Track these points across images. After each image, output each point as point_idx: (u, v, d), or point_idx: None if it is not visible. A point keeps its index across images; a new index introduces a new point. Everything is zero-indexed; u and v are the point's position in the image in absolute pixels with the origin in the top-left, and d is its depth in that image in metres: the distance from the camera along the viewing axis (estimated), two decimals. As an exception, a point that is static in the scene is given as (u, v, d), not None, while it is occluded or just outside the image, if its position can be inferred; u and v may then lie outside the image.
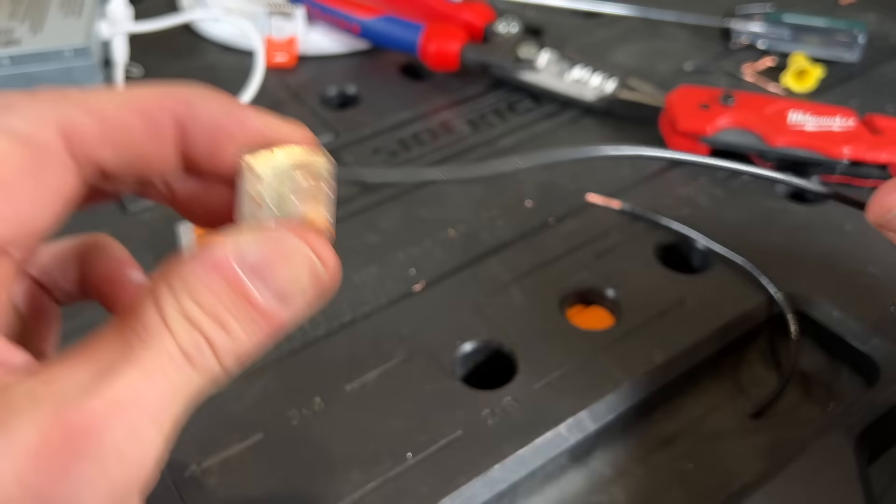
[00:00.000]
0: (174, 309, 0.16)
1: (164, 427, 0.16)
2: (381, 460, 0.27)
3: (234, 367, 0.17)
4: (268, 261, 0.16)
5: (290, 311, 0.17)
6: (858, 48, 0.48)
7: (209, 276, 0.16)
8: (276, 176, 0.18)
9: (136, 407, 0.15)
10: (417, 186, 0.40)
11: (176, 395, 0.16)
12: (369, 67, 0.50)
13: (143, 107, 0.17)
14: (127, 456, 0.15)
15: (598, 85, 0.45)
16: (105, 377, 0.15)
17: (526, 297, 0.33)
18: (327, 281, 0.18)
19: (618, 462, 0.29)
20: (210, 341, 0.16)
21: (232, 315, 0.16)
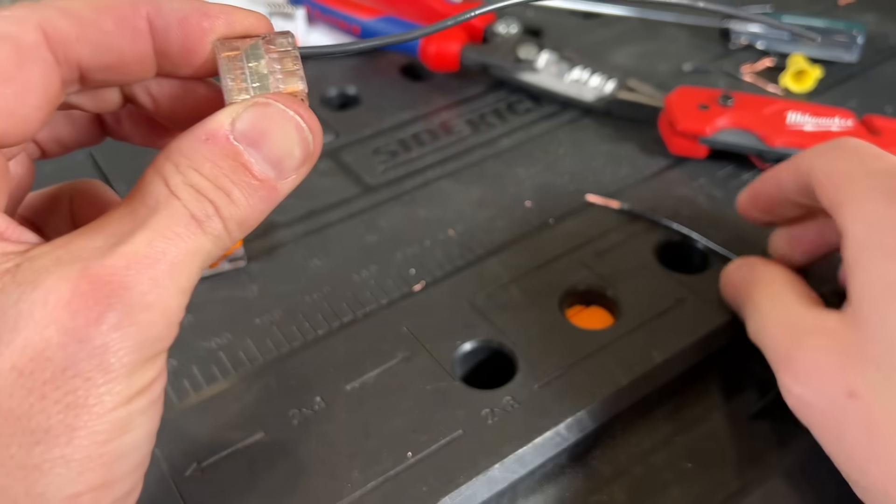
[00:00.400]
0: (180, 180, 0.17)
1: (182, 284, 0.17)
2: (381, 460, 0.27)
3: (237, 231, 0.18)
4: (261, 129, 0.18)
5: (283, 175, 0.19)
6: (857, 49, 0.48)
7: (209, 149, 0.18)
8: (251, 58, 0.19)
9: (155, 262, 0.17)
10: (417, 186, 0.40)
11: (189, 254, 0.17)
12: (369, 68, 0.50)
13: (117, 9, 0.19)
14: (152, 305, 0.16)
15: (598, 85, 0.45)
16: (123, 240, 0.17)
17: (525, 297, 0.33)
18: (313, 145, 0.19)
19: (618, 462, 0.29)
20: (216, 206, 0.18)
21: (233, 182, 0.18)
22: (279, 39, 0.20)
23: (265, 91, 0.19)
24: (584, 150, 0.42)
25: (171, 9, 0.19)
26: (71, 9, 0.18)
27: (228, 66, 0.19)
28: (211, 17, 0.19)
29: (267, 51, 0.20)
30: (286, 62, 0.20)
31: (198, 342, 0.31)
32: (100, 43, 0.18)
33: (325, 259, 0.36)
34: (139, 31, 0.19)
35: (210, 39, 0.19)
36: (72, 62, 0.18)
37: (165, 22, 0.19)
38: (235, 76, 0.19)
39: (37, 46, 0.18)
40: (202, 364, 0.31)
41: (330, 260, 0.36)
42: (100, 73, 0.19)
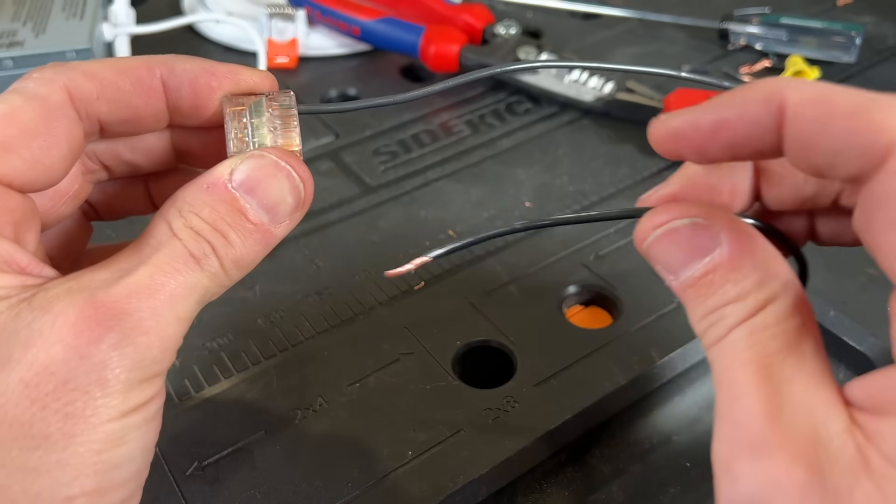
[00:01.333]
0: (181, 223, 0.19)
1: (179, 314, 0.19)
2: (381, 459, 0.27)
3: (234, 270, 0.20)
4: (256, 178, 0.20)
5: (277, 220, 0.20)
6: (855, 50, 0.49)
7: (209, 196, 0.20)
8: (254, 114, 0.22)
9: (154, 292, 0.18)
10: (417, 187, 0.40)
11: (187, 288, 0.19)
12: (369, 69, 0.50)
13: (134, 71, 0.21)
14: (150, 330, 0.18)
15: (597, 86, 0.45)
16: (127, 273, 0.18)
17: (525, 297, 0.33)
18: (305, 193, 0.21)
19: (617, 461, 0.29)
20: (213, 246, 0.19)
21: (230, 225, 0.20)
22: (281, 98, 0.22)
23: (263, 145, 0.21)
24: (583, 151, 0.43)
25: (182, 69, 0.21)
26: (94, 71, 0.21)
27: (233, 120, 0.21)
28: (219, 76, 0.21)
29: (269, 107, 0.22)
30: (286, 119, 0.22)
31: (199, 342, 0.32)
32: (118, 101, 0.21)
33: (325, 259, 0.36)
34: (153, 90, 0.21)
35: (217, 97, 0.21)
36: (93, 117, 0.21)
37: (177, 81, 0.21)
38: (239, 130, 0.21)
39: (62, 105, 0.20)
40: (204, 364, 0.31)
41: (330, 260, 0.36)
42: (118, 126, 0.21)
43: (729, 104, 0.18)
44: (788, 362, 0.17)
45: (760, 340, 0.17)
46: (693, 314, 0.19)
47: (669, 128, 0.19)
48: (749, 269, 0.18)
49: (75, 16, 0.46)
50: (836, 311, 0.32)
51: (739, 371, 0.17)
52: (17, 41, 0.44)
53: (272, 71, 0.48)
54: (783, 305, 0.17)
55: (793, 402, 0.16)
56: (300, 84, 0.48)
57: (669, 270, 0.19)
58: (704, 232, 0.19)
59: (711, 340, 0.18)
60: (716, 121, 0.18)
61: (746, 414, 0.16)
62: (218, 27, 0.52)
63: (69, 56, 0.43)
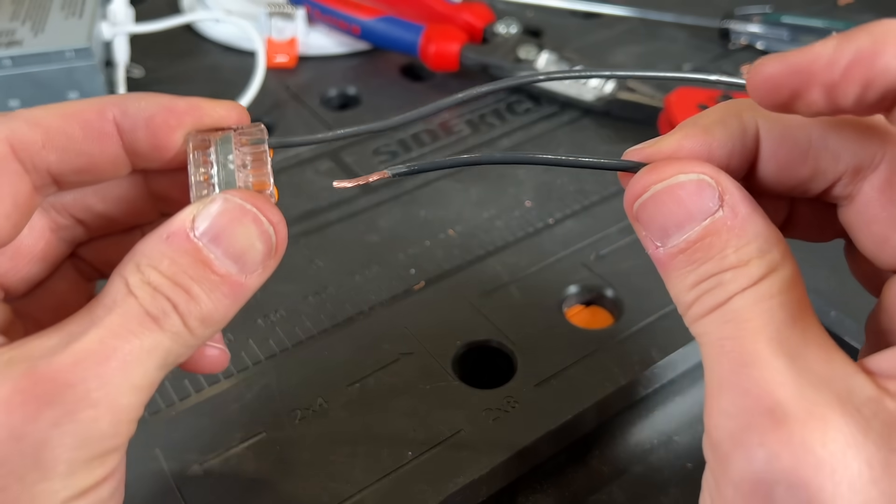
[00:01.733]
0: (138, 279, 0.17)
1: (135, 381, 0.17)
2: (381, 459, 0.27)
3: (202, 329, 0.18)
4: (220, 226, 0.18)
5: (246, 270, 0.18)
6: (857, 49, 0.48)
7: (168, 246, 0.18)
8: (221, 151, 0.20)
9: (104, 359, 0.16)
10: (417, 186, 0.40)
11: (144, 352, 0.17)
12: (369, 68, 0.50)
13: (82, 115, 0.19)
14: (98, 402, 0.16)
15: (598, 86, 0.45)
16: (75, 338, 0.17)
17: (525, 297, 0.33)
18: (276, 239, 0.19)
19: (617, 461, 0.29)
20: (174, 304, 0.17)
21: (193, 280, 0.18)
22: (252, 131, 0.20)
23: (231, 186, 0.19)
24: (583, 151, 0.42)
25: (137, 108, 0.19)
26: (37, 118, 0.19)
27: (197, 160, 0.19)
28: (177, 113, 0.19)
29: (238, 143, 0.20)
30: (257, 156, 0.20)
31: (198, 342, 0.31)
32: (68, 148, 0.19)
33: (325, 259, 0.36)
34: (106, 133, 0.19)
35: (178, 135, 0.20)
36: (41, 169, 0.19)
37: (132, 122, 0.19)
38: (204, 171, 0.19)
39: (3, 159, 0.18)
40: (203, 364, 0.31)
41: (330, 260, 0.36)
42: (72, 176, 0.20)
43: (869, 34, 0.16)
44: (797, 331, 0.16)
45: (769, 309, 0.16)
46: (680, 282, 0.18)
47: (792, 62, 0.16)
48: (752, 234, 0.17)
49: (74, 15, 0.46)
50: (837, 312, 0.32)
51: (749, 339, 0.16)
52: (15, 40, 0.43)
53: (270, 70, 0.48)
54: (785, 275, 0.17)
55: (813, 369, 0.15)
56: (300, 83, 0.48)
57: (662, 233, 0.18)
58: (708, 191, 0.17)
59: (705, 308, 0.17)
60: (858, 53, 0.16)
61: (762, 382, 0.15)
62: (217, 26, 0.52)
63: (68, 55, 0.43)
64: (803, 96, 0.16)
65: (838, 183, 0.18)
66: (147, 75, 0.49)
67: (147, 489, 0.25)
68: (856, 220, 0.18)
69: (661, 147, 0.19)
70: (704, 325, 0.17)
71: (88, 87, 0.44)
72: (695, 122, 0.19)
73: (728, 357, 0.16)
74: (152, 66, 0.49)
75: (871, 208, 0.18)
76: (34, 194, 0.19)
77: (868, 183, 0.18)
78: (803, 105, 0.16)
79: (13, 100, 0.44)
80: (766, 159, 0.19)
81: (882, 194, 0.18)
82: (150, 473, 0.27)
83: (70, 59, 0.43)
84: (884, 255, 0.18)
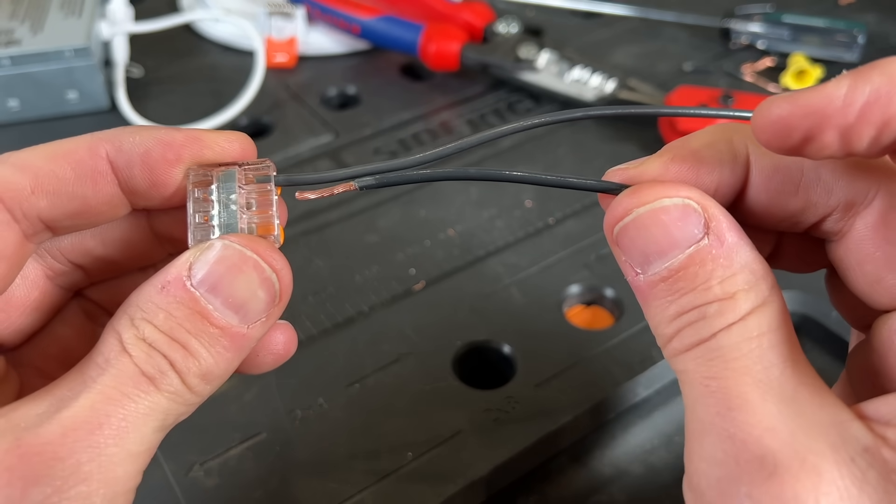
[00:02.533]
0: (132, 334, 0.16)
1: (131, 448, 0.16)
2: (380, 459, 0.27)
3: (200, 385, 0.17)
4: (219, 274, 0.17)
5: (248, 321, 0.17)
6: (858, 48, 0.48)
7: (163, 298, 0.16)
8: (221, 190, 0.18)
9: (96, 427, 0.15)
10: (417, 186, 0.40)
11: (140, 416, 0.16)
12: (369, 68, 0.50)
13: (72, 154, 0.18)
14: (90, 476, 0.15)
15: (598, 85, 0.45)
16: (64, 405, 0.15)
17: (526, 297, 0.33)
18: (280, 286, 0.18)
19: (618, 462, 0.29)
20: (171, 362, 0.16)
21: (191, 334, 0.16)
22: (257, 167, 0.18)
23: (232, 229, 0.18)
24: (584, 150, 0.42)
25: (131, 143, 0.18)
26: (24, 162, 0.17)
27: (198, 199, 0.18)
28: (175, 146, 0.18)
29: (243, 181, 0.18)
30: (263, 195, 0.18)
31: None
32: (59, 192, 0.17)
33: (325, 259, 0.36)
34: (100, 172, 0.18)
35: (178, 171, 0.18)
36: (31, 216, 0.17)
37: (127, 159, 0.18)
38: (203, 211, 0.18)
39: None
40: (202, 364, 0.31)
41: (330, 260, 0.36)
42: (66, 221, 0.18)
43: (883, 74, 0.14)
44: (787, 372, 0.15)
45: (758, 348, 0.15)
46: (660, 313, 0.16)
47: (804, 104, 0.15)
48: (739, 265, 0.16)
49: (73, 14, 0.46)
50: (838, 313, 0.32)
51: (735, 381, 0.15)
52: (14, 40, 0.43)
53: (270, 69, 0.48)
54: (774, 311, 0.16)
55: (806, 414, 0.14)
56: (299, 83, 0.48)
57: (643, 259, 0.17)
58: (693, 217, 0.16)
59: (687, 343, 0.16)
60: (874, 93, 0.14)
61: (750, 428, 0.14)
62: (217, 25, 0.52)
63: (67, 55, 0.43)
64: (816, 140, 0.15)
65: (829, 218, 0.17)
66: (146, 75, 0.48)
67: (147, 490, 0.25)
68: (847, 258, 0.17)
69: (646, 169, 0.18)
70: (686, 361, 0.16)
71: (87, 86, 0.44)
72: (683, 145, 0.18)
73: (713, 398, 0.15)
74: (151, 65, 0.49)
75: (864, 247, 0.17)
76: (24, 243, 0.18)
77: (861, 220, 0.17)
78: (814, 149, 0.15)
79: (12, 99, 0.44)
80: (755, 189, 0.18)
81: (876, 233, 0.17)
82: (150, 475, 0.26)
83: (69, 59, 0.43)
84: (876, 295, 0.17)
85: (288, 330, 0.22)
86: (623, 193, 0.17)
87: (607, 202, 0.18)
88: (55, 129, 0.44)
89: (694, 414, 0.15)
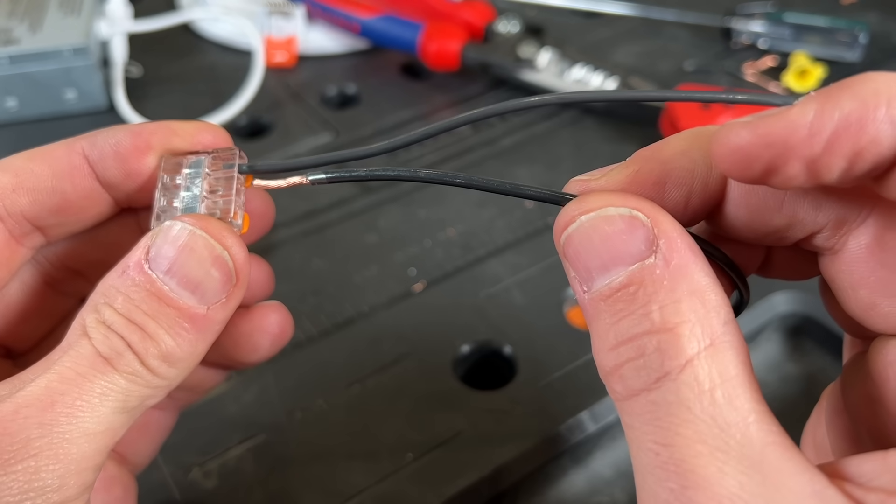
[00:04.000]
0: (94, 318, 0.16)
1: (86, 427, 0.16)
2: (381, 460, 0.27)
3: (165, 368, 0.17)
4: (172, 255, 0.17)
5: (206, 301, 0.17)
6: (860, 48, 0.48)
7: (123, 281, 0.17)
8: (188, 176, 0.19)
9: (48, 405, 0.15)
10: (417, 187, 0.39)
11: (98, 397, 0.16)
12: (369, 67, 0.50)
13: (49, 153, 0.18)
14: (40, 451, 0.15)
15: (599, 84, 0.45)
16: (23, 385, 0.16)
17: (526, 298, 0.33)
18: (234, 265, 0.17)
19: (618, 463, 0.29)
20: (129, 343, 0.16)
21: (149, 316, 0.16)
22: (226, 154, 0.19)
23: (191, 212, 0.18)
24: (585, 150, 0.42)
25: (104, 137, 0.19)
26: (3, 163, 0.18)
27: (166, 184, 0.18)
28: (144, 135, 0.19)
29: (212, 167, 0.19)
30: (227, 181, 0.19)
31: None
32: (38, 188, 0.18)
33: (325, 259, 0.35)
34: (76, 167, 0.19)
35: (149, 160, 0.19)
36: (15, 214, 0.18)
37: (100, 152, 0.19)
38: (170, 196, 0.18)
39: None
40: (201, 365, 0.30)
41: (330, 260, 0.35)
42: (51, 219, 0.19)
43: (854, 97, 0.13)
44: (752, 434, 0.13)
45: (710, 406, 0.13)
46: (600, 339, 0.14)
47: (765, 133, 0.13)
48: (685, 291, 0.14)
49: (72, 13, 0.46)
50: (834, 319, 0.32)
51: (688, 450, 0.13)
52: (13, 39, 0.43)
53: (269, 68, 0.48)
54: (729, 353, 0.13)
55: (776, 485, 0.12)
56: (299, 82, 0.48)
57: (586, 274, 0.15)
58: (640, 231, 0.14)
59: (629, 388, 0.14)
60: (843, 121, 0.13)
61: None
62: (216, 25, 0.51)
63: (65, 54, 0.43)
64: (779, 171, 0.13)
65: (818, 235, 0.16)
66: (145, 74, 0.48)
67: (147, 491, 0.25)
68: (839, 279, 0.16)
69: (609, 180, 0.17)
70: (629, 414, 0.14)
71: (86, 85, 0.44)
72: (652, 155, 0.16)
73: (663, 471, 0.13)
74: (150, 64, 0.49)
75: (858, 269, 0.15)
76: (12, 242, 0.18)
77: (854, 239, 0.15)
78: (779, 180, 0.14)
79: (10, 98, 0.44)
80: (734, 203, 0.16)
81: (871, 254, 0.15)
82: (149, 475, 0.26)
83: (68, 58, 0.43)
84: (870, 320, 0.16)
85: (280, 309, 0.22)
86: (570, 202, 0.16)
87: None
88: (53, 129, 0.44)
89: (643, 482, 0.13)
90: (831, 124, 0.13)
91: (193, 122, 0.19)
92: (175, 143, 0.19)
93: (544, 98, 0.19)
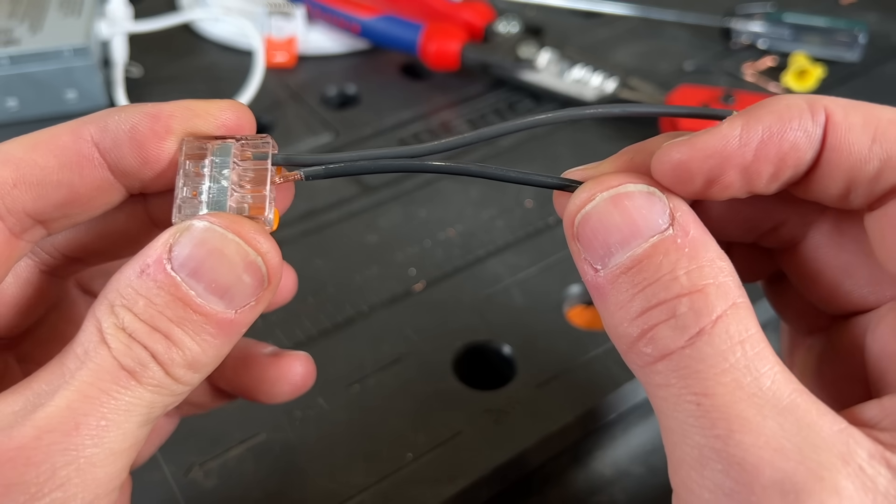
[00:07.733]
0: (112, 323, 0.15)
1: (112, 447, 0.15)
2: (381, 460, 0.27)
3: (187, 375, 0.16)
4: (199, 258, 0.15)
5: (234, 306, 0.16)
6: (859, 48, 0.48)
7: (143, 283, 0.15)
8: (215, 164, 0.17)
9: (73, 428, 0.14)
10: (417, 187, 0.39)
11: (121, 413, 0.15)
12: (369, 67, 0.50)
13: (54, 141, 0.16)
14: (66, 481, 0.14)
15: (599, 85, 0.45)
16: (40, 402, 0.14)
17: (526, 297, 0.33)
18: (267, 269, 0.16)
19: (617, 462, 0.29)
20: (153, 353, 0.15)
21: (173, 322, 0.15)
22: (257, 143, 0.17)
23: (220, 207, 0.16)
24: (584, 150, 0.42)
25: (117, 121, 0.16)
26: (3, 155, 0.16)
27: (189, 172, 0.16)
28: (163, 118, 0.16)
29: (239, 156, 0.17)
30: (258, 173, 0.17)
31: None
32: (43, 182, 0.16)
33: (325, 259, 0.35)
34: (85, 156, 0.16)
35: (169, 144, 0.17)
36: (16, 211, 0.16)
37: (113, 137, 0.16)
38: (193, 186, 0.16)
39: None
40: (201, 364, 0.31)
41: (330, 260, 0.35)
42: (56, 213, 0.17)
43: (772, 112, 0.15)
44: (780, 383, 0.14)
45: (743, 357, 0.14)
46: (621, 311, 0.15)
47: (702, 147, 0.15)
48: (705, 258, 0.15)
49: (72, 13, 0.46)
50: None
51: (728, 397, 0.14)
52: (13, 39, 0.43)
53: (269, 69, 0.48)
54: (749, 312, 0.15)
55: (809, 426, 0.13)
56: (299, 82, 0.48)
57: (604, 251, 0.15)
58: (659, 205, 0.15)
59: (660, 352, 0.15)
60: (767, 131, 0.15)
61: (758, 451, 0.13)
62: (216, 25, 0.51)
63: (66, 54, 0.43)
64: (718, 181, 0.15)
65: (783, 227, 0.17)
66: (145, 74, 0.48)
67: (147, 490, 0.25)
68: (803, 267, 0.17)
69: (603, 169, 0.17)
70: (663, 374, 0.15)
71: (86, 86, 0.44)
72: (641, 148, 0.17)
73: (707, 419, 0.14)
74: (151, 65, 0.49)
75: (821, 255, 0.17)
76: (12, 240, 0.17)
77: (815, 228, 0.17)
78: (718, 189, 0.15)
79: (11, 99, 0.44)
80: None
81: (831, 241, 0.17)
82: (150, 475, 0.26)
83: (68, 59, 0.43)
84: (835, 302, 0.17)
85: (307, 362, 0.22)
86: (586, 182, 0.16)
87: (561, 203, 0.17)
88: (54, 129, 0.44)
89: (684, 438, 0.14)
90: (757, 135, 0.15)
91: (215, 101, 0.17)
92: (197, 124, 0.17)
93: (601, 110, 0.20)
